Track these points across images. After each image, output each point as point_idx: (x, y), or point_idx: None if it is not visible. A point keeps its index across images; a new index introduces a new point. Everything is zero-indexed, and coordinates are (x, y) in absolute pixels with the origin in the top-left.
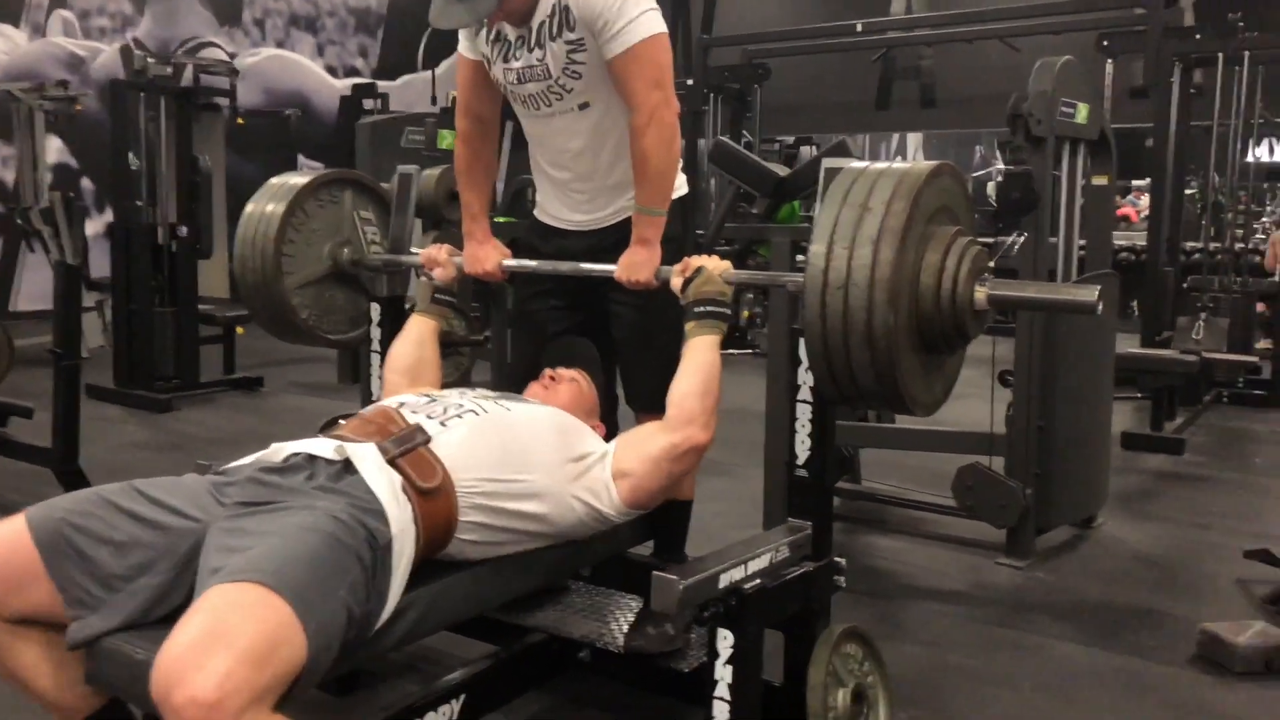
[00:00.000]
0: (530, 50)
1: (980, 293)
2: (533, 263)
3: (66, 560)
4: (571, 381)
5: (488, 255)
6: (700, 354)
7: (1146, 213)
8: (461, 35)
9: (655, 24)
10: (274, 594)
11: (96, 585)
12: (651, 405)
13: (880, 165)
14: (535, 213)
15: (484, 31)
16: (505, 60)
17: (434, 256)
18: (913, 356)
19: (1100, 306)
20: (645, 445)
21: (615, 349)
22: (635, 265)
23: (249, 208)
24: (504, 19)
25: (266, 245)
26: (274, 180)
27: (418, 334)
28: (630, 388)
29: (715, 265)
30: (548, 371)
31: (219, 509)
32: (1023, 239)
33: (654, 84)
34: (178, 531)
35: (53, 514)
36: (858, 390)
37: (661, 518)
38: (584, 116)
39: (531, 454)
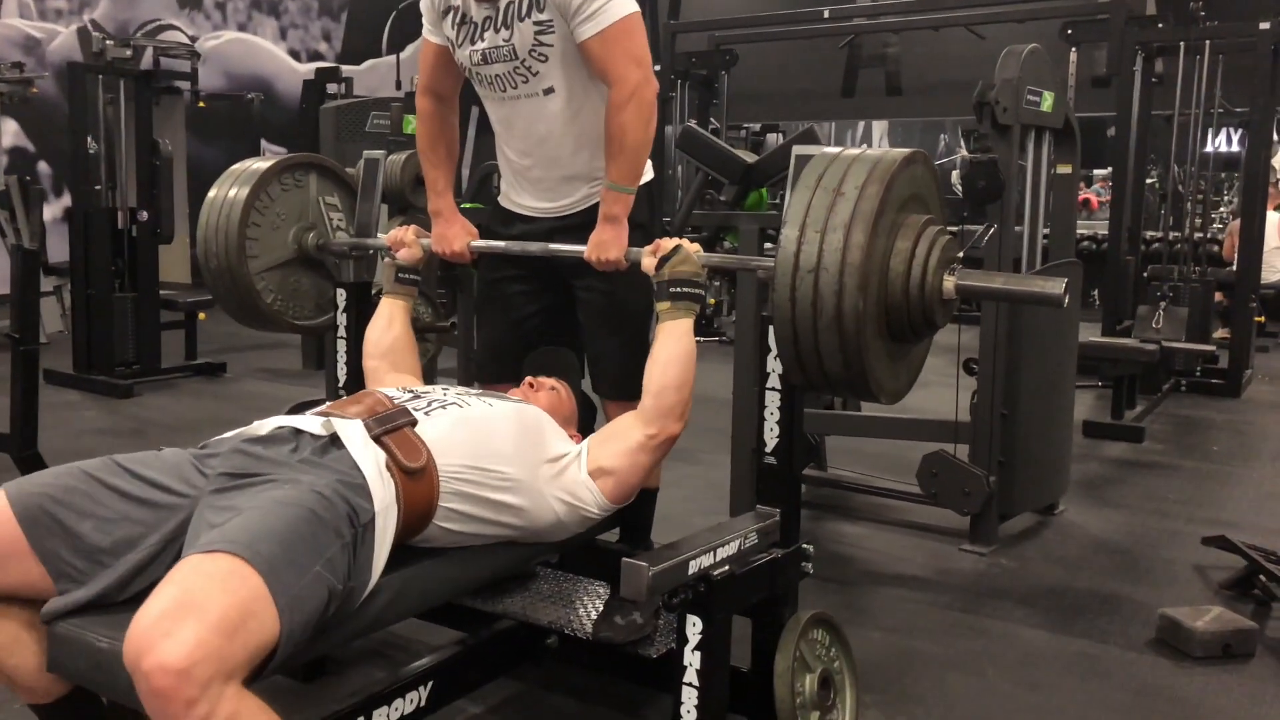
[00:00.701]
0: (497, 31)
1: (949, 282)
2: (501, 243)
3: (50, 534)
4: (551, 390)
5: (456, 235)
6: (677, 342)
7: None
8: (425, 17)
9: (629, 4)
10: (246, 565)
11: (82, 559)
12: (617, 392)
13: (854, 151)
14: (499, 199)
15: (449, 15)
16: (471, 42)
17: (400, 237)
18: (880, 343)
19: (1067, 299)
20: (624, 440)
21: (581, 333)
22: (604, 244)
23: (212, 193)
24: None
25: (230, 229)
26: (237, 165)
27: (387, 316)
28: (596, 372)
29: (688, 246)
30: (528, 379)
31: (203, 480)
32: (992, 230)
33: (634, 61)
34: (164, 507)
35: (33, 488)
36: (825, 376)
37: (628, 505)
38: (549, 102)
39: (512, 448)
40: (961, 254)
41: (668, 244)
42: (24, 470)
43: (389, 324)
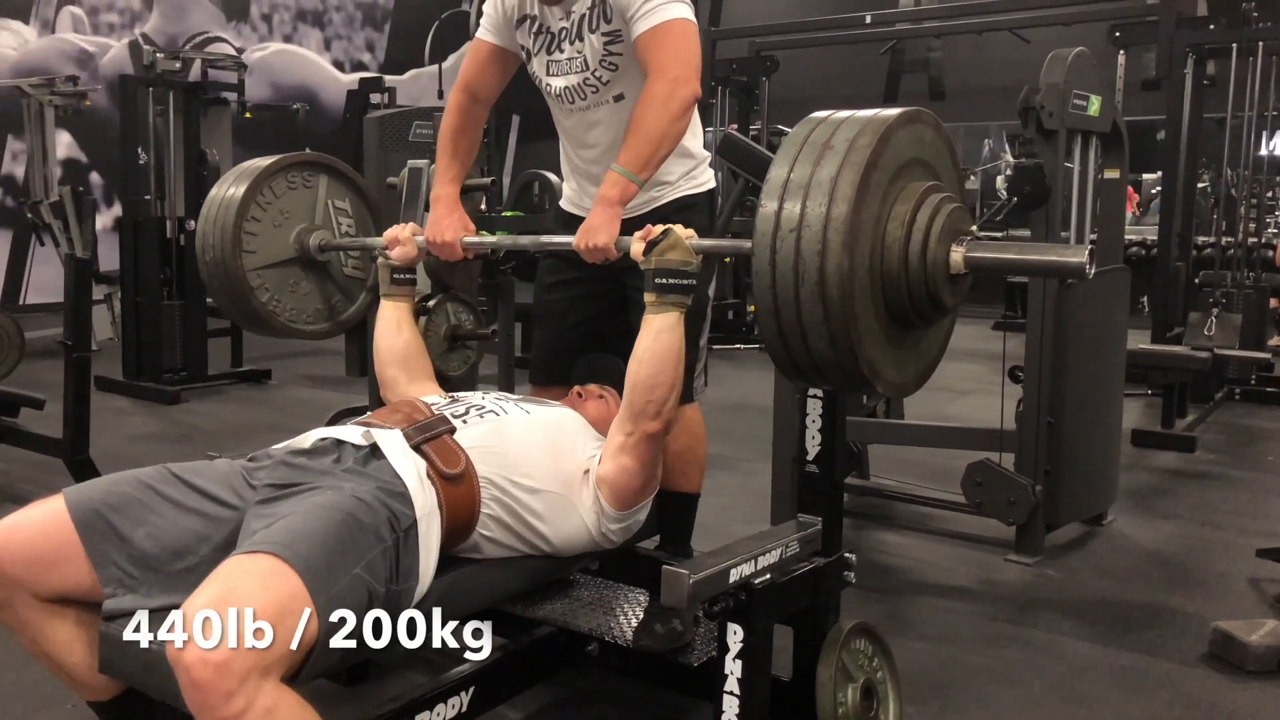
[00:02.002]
0: (571, 43)
1: (956, 254)
2: (491, 238)
3: (104, 540)
4: (599, 398)
5: (450, 225)
6: (655, 338)
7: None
8: (488, 19)
9: (685, 11)
10: (285, 565)
11: (133, 566)
12: None
13: (848, 111)
14: (561, 203)
15: (524, 24)
16: (549, 52)
17: (396, 235)
18: (875, 321)
19: (1092, 269)
20: (610, 444)
21: (631, 336)
22: (592, 229)
23: (214, 188)
24: None
25: (227, 222)
26: (244, 163)
27: (395, 321)
28: None
29: (679, 231)
30: (576, 388)
31: (250, 492)
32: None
33: (678, 59)
34: (215, 518)
35: (90, 495)
36: (811, 357)
37: (667, 510)
38: (618, 109)
39: (547, 457)
40: (976, 227)
41: (657, 229)
42: (76, 474)
43: (398, 329)
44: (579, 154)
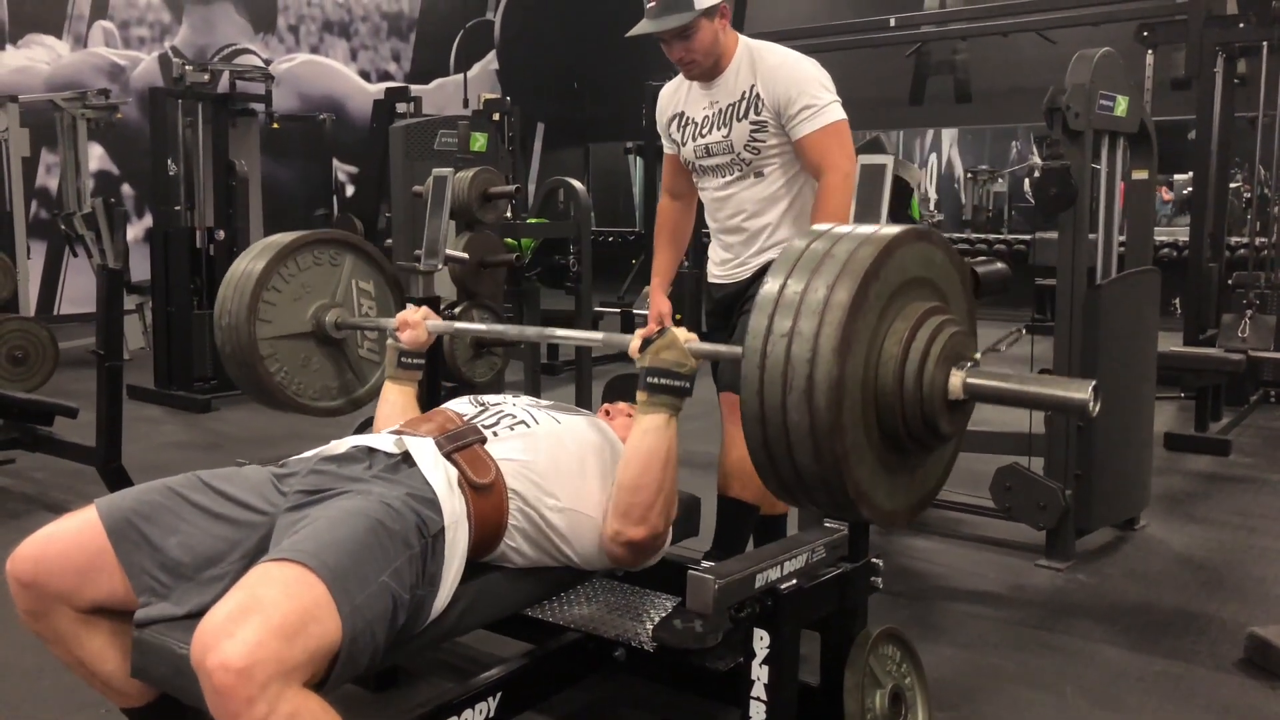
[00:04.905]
0: (717, 129)
1: (956, 378)
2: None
3: (136, 549)
4: (627, 417)
5: (659, 303)
6: (642, 437)
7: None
8: (660, 128)
9: (842, 111)
10: (310, 573)
11: (165, 574)
12: (730, 386)
13: (849, 226)
14: (708, 272)
15: (674, 121)
16: (694, 139)
17: (406, 318)
18: (864, 439)
19: (1095, 406)
20: (606, 524)
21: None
22: None
23: (239, 259)
24: (688, 56)
25: (247, 287)
26: (274, 236)
27: (398, 405)
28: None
29: (677, 333)
30: (604, 405)
31: (280, 499)
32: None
33: (846, 155)
34: (245, 524)
35: (122, 504)
36: (795, 469)
37: (722, 515)
38: (755, 184)
39: (574, 474)
40: (979, 354)
41: (654, 327)
42: (109, 481)
43: (401, 414)
44: (717, 223)
